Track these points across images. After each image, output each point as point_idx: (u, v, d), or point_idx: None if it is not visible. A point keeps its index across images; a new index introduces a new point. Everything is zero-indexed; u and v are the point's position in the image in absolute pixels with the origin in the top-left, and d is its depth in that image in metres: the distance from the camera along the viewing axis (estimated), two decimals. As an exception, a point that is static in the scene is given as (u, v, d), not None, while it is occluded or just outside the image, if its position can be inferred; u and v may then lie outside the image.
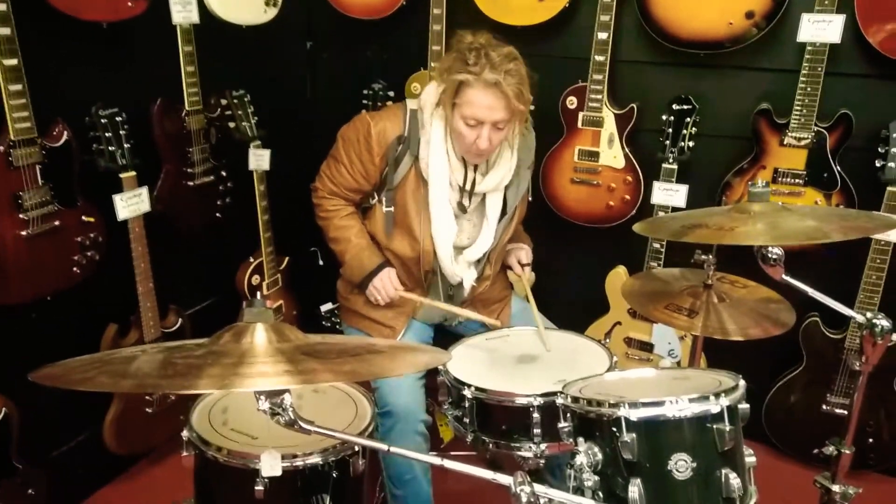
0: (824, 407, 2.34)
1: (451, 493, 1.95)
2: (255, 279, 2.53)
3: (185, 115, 2.16)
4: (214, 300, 2.49)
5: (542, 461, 1.58)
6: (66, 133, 1.81)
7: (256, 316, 0.98)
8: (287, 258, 2.69)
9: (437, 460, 1.03)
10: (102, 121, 1.91)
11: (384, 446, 0.96)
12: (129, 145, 1.95)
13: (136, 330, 2.07)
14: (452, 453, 2.30)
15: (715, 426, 1.11)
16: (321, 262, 2.94)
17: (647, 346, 2.52)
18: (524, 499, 1.01)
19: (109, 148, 1.92)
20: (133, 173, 1.97)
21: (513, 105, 1.63)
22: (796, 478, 2.28)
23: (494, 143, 1.69)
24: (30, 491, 1.76)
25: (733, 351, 2.09)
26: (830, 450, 1.51)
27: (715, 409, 1.11)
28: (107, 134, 1.91)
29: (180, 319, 2.22)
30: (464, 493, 2.02)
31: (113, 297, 2.04)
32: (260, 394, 0.94)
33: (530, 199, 2.11)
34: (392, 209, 1.83)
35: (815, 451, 1.51)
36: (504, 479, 1.04)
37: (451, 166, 1.78)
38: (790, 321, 1.61)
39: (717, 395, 1.12)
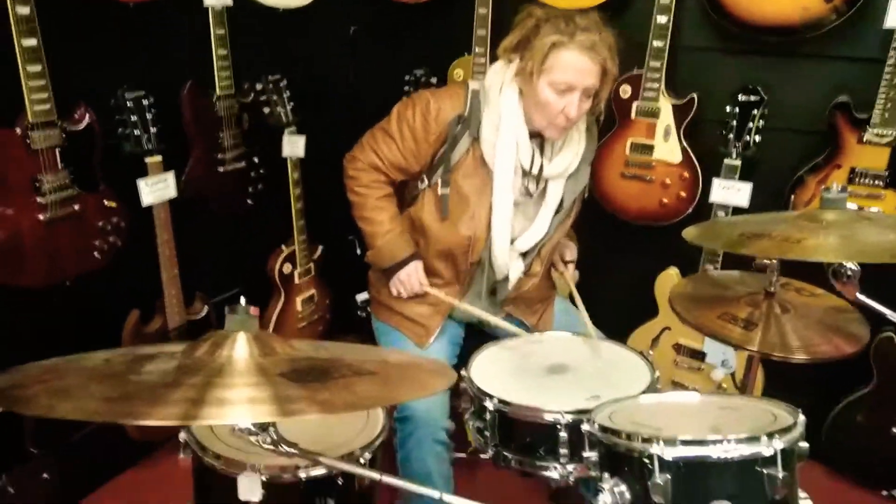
0: (894, 430, 2.11)
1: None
2: (287, 268, 2.47)
3: (216, 100, 2.10)
4: (243, 288, 2.43)
5: (571, 480, 1.45)
6: (88, 116, 1.76)
7: (239, 324, 0.88)
8: (321, 247, 2.61)
9: (435, 494, 0.91)
10: (128, 104, 1.86)
11: (376, 475, 0.84)
12: (155, 129, 1.89)
13: (159, 317, 2.03)
14: (481, 458, 2.19)
15: (766, 471, 0.95)
16: (359, 252, 2.86)
17: (699, 355, 2.34)
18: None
19: (135, 132, 1.87)
20: (159, 158, 1.92)
21: (607, 68, 1.58)
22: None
23: (582, 111, 1.62)
24: (44, 475, 1.74)
25: (795, 365, 1.89)
26: (904, 494, 1.31)
27: (767, 453, 0.94)
28: (132, 117, 1.86)
29: (206, 307, 2.17)
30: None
31: (137, 283, 2.00)
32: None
33: (586, 196, 1.96)
34: (447, 191, 1.72)
35: (885, 493, 1.32)
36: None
37: (519, 147, 1.67)
38: (864, 335, 1.41)
39: (770, 436, 0.95)
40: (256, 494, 1.02)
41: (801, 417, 1.03)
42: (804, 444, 1.03)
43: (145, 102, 1.87)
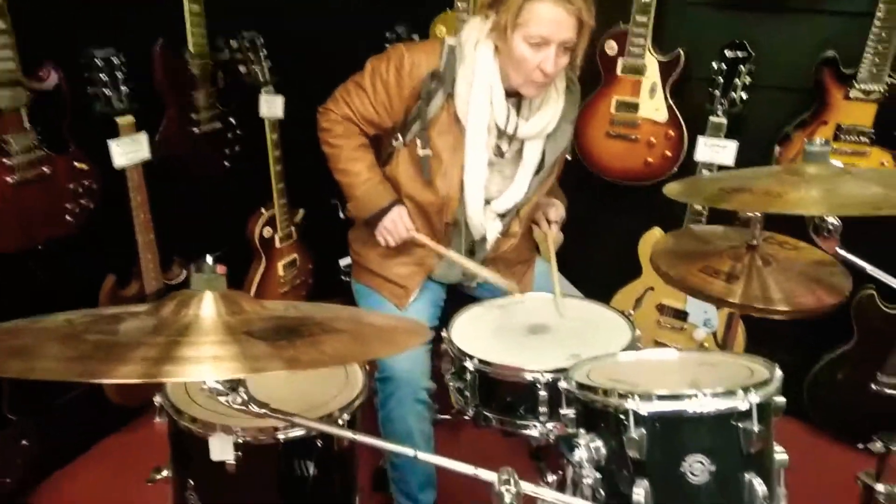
0: (874, 386, 2.14)
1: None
2: (268, 231, 2.43)
3: (190, 58, 2.04)
4: (223, 253, 2.39)
5: (552, 438, 1.45)
6: (55, 75, 1.71)
7: (205, 283, 0.85)
8: (302, 210, 2.58)
9: (409, 451, 0.90)
10: (97, 62, 1.79)
11: (348, 433, 0.83)
12: (126, 89, 1.83)
13: (136, 282, 2.00)
14: (464, 419, 2.20)
15: (741, 425, 0.95)
16: (342, 216, 2.82)
17: (682, 315, 2.34)
18: (507, 499, 0.88)
19: (105, 91, 1.80)
20: (131, 118, 1.86)
21: (583, 20, 1.53)
22: (837, 464, 2.10)
23: (559, 67, 1.57)
24: (24, 442, 1.72)
25: (777, 322, 1.90)
26: (878, 446, 1.33)
27: (743, 407, 0.94)
28: (102, 76, 1.79)
29: (184, 272, 2.14)
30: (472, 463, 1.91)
31: (113, 248, 1.96)
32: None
33: (569, 157, 1.92)
34: (429, 153, 1.68)
35: (861, 445, 1.33)
36: (487, 475, 0.91)
37: (493, 105, 1.62)
38: (846, 287, 1.40)
39: (745, 390, 0.95)
40: (228, 455, 1.01)
41: (778, 372, 1.03)
42: (781, 399, 1.02)
43: (115, 61, 1.81)
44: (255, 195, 2.41)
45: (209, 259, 0.87)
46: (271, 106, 2.29)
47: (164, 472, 1.33)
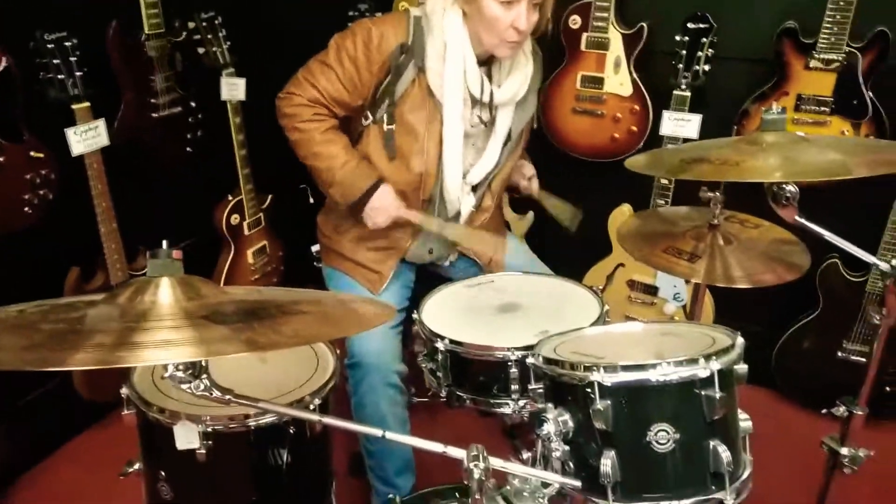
0: (840, 354, 2.19)
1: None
2: (235, 219, 2.40)
3: (145, 40, 1.98)
4: (192, 242, 2.36)
5: (525, 416, 1.46)
6: (4, 60, 1.65)
7: (161, 268, 0.84)
8: (270, 196, 2.54)
9: (377, 432, 0.90)
10: (49, 46, 1.74)
11: (315, 416, 0.83)
12: (81, 73, 1.78)
13: (101, 273, 1.96)
14: (440, 401, 2.21)
15: (703, 393, 0.96)
16: (311, 200, 2.79)
17: (652, 290, 2.37)
18: (476, 475, 0.89)
19: (59, 76, 1.76)
20: (87, 104, 1.81)
21: None
22: (804, 431, 2.15)
23: (531, 23, 1.56)
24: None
25: (745, 295, 1.93)
26: (841, 410, 1.36)
27: (704, 374, 0.95)
28: (55, 61, 1.74)
29: (150, 262, 2.10)
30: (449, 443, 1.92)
31: (76, 239, 1.92)
32: (168, 357, 0.81)
33: (535, 126, 1.92)
34: (393, 127, 1.64)
35: (824, 411, 1.36)
36: (456, 452, 0.92)
37: (467, 74, 1.61)
38: (805, 264, 1.44)
39: (707, 358, 0.96)
40: (194, 442, 1.00)
41: (740, 340, 1.04)
42: (743, 366, 1.04)
43: (68, 44, 1.76)
44: (220, 181, 2.37)
45: (164, 244, 0.85)
46: (232, 89, 2.24)
47: (137, 465, 1.32)
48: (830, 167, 1.09)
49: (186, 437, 0.99)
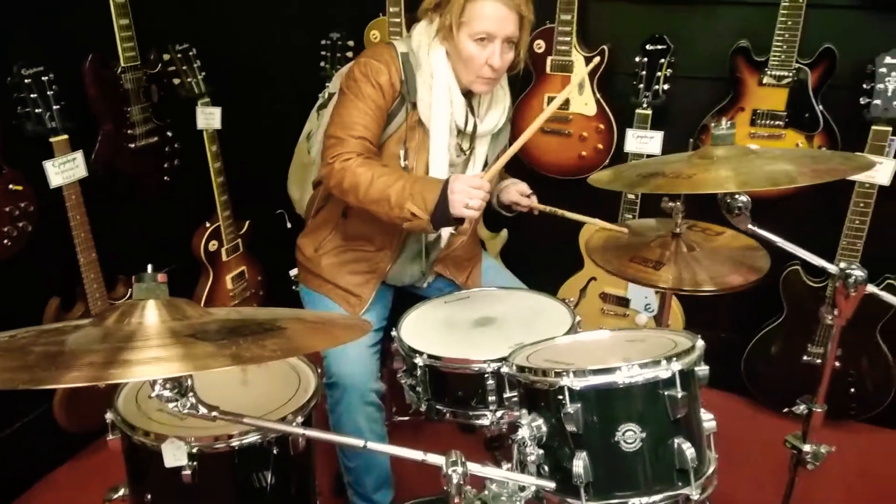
0: (805, 357, 2.27)
1: (415, 462, 1.87)
2: (213, 245, 2.43)
3: (121, 73, 2.03)
4: (171, 269, 2.38)
5: (504, 427, 1.50)
6: (-18, 95, 1.68)
7: (147, 292, 0.87)
8: (248, 222, 2.58)
9: (359, 443, 0.94)
10: (26, 81, 1.77)
11: (299, 430, 0.86)
12: (58, 107, 1.82)
13: (81, 303, 1.98)
14: (421, 419, 2.24)
15: (666, 392, 1.02)
16: (289, 225, 2.83)
17: (624, 302, 2.44)
18: (455, 480, 0.93)
19: (36, 110, 1.79)
20: (65, 137, 1.85)
21: (523, 14, 1.60)
22: (773, 432, 2.23)
23: (506, 62, 1.63)
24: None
25: (713, 303, 2.00)
26: (801, 409, 1.43)
27: (665, 375, 1.01)
28: (32, 95, 1.78)
29: (130, 290, 2.12)
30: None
31: (55, 269, 1.94)
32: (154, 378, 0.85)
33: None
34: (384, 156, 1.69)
35: (786, 410, 1.43)
36: (436, 459, 0.96)
37: (453, 105, 1.67)
38: (766, 266, 1.51)
39: (668, 359, 1.02)
40: (182, 460, 1.03)
41: (700, 342, 1.10)
42: (704, 368, 1.10)
43: (45, 78, 1.80)
44: (198, 209, 2.40)
45: (149, 268, 0.89)
46: (208, 118, 2.29)
47: (121, 492, 1.33)
48: (777, 177, 1.17)
49: (174, 455, 1.02)
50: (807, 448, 1.43)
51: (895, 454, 2.26)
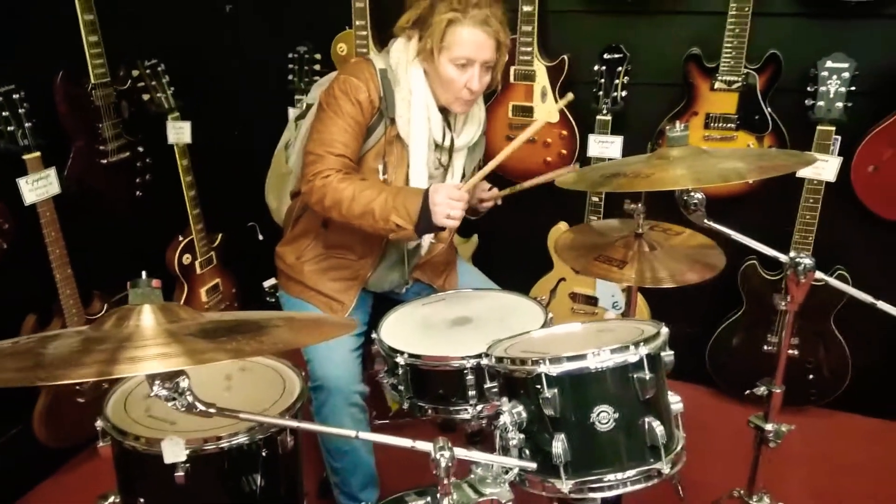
0: (765, 347, 2.38)
1: (399, 462, 1.90)
2: (187, 258, 2.44)
3: (92, 89, 2.04)
4: (145, 283, 2.39)
5: (484, 422, 1.56)
6: (-46, 114, 1.69)
7: (142, 297, 0.91)
8: (221, 234, 2.60)
9: (350, 433, 0.99)
10: (-3, 100, 1.78)
11: (293, 423, 0.91)
12: (30, 124, 1.84)
13: (58, 319, 1.98)
14: (401, 421, 2.29)
15: (635, 375, 1.09)
16: (261, 237, 2.86)
17: (592, 300, 2.53)
18: (443, 464, 0.99)
19: (8, 128, 1.81)
20: (37, 154, 1.86)
21: (501, 40, 1.67)
22: (739, 419, 2.33)
23: (483, 84, 1.70)
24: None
25: (679, 300, 2.09)
26: (762, 390, 1.52)
27: (633, 359, 1.09)
28: (3, 113, 1.80)
29: (106, 305, 2.13)
30: (412, 463, 2.00)
31: (31, 286, 1.94)
32: (153, 378, 0.89)
33: (481, 165, 2.05)
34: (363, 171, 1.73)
35: (747, 392, 1.52)
36: (424, 445, 1.02)
37: (430, 121, 1.73)
38: (721, 264, 1.61)
39: (636, 345, 1.10)
40: (181, 455, 1.06)
41: (664, 329, 1.18)
42: (669, 353, 1.18)
43: (16, 97, 1.81)
44: (171, 222, 2.42)
45: (143, 274, 0.93)
46: (179, 132, 2.31)
47: (111, 498, 1.35)
48: (727, 173, 1.26)
49: (174, 452, 1.06)
50: (769, 427, 1.53)
51: (852, 435, 2.39)
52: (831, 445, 2.33)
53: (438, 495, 1.01)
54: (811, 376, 2.36)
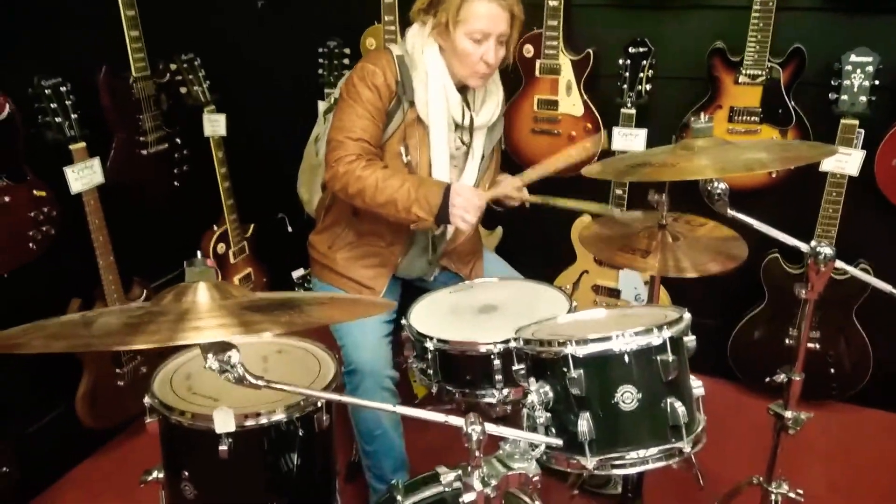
0: (787, 341, 2.39)
1: (427, 447, 1.97)
2: (221, 248, 2.52)
3: (133, 82, 2.12)
4: (180, 271, 2.47)
5: (509, 407, 1.61)
6: (8, 106, 1.77)
7: (198, 275, 0.98)
8: (253, 225, 2.68)
9: (389, 407, 1.05)
10: (46, 91, 1.87)
11: (336, 396, 0.97)
12: (76, 116, 1.91)
13: (100, 304, 2.06)
14: (428, 408, 2.34)
15: (658, 357, 1.14)
16: (290, 229, 2.93)
17: (615, 293, 2.56)
18: (475, 437, 1.04)
19: (56, 119, 1.88)
20: (83, 144, 1.94)
21: (515, 13, 1.72)
22: (759, 413, 2.36)
23: (499, 58, 1.74)
24: (3, 469, 1.76)
25: (698, 290, 2.12)
26: (781, 378, 1.55)
27: (657, 342, 1.13)
28: (52, 105, 1.87)
29: (145, 291, 2.22)
30: (439, 447, 2.06)
31: (75, 272, 2.02)
32: (206, 351, 0.95)
33: (504, 147, 2.11)
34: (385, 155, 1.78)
35: (767, 379, 1.55)
36: (456, 420, 1.07)
37: (448, 101, 1.78)
38: (743, 254, 1.63)
39: (659, 328, 1.14)
40: (230, 426, 1.13)
41: (687, 314, 1.23)
42: (691, 337, 1.23)
43: (63, 89, 1.89)
44: (206, 213, 2.50)
45: (199, 254, 1.00)
46: (214, 124, 2.39)
47: (155, 473, 1.43)
48: (751, 163, 1.30)
49: (224, 422, 1.12)
50: (788, 414, 1.56)
51: (873, 430, 2.40)
52: (852, 439, 2.35)
53: (469, 468, 1.06)
54: (832, 370, 2.37)
